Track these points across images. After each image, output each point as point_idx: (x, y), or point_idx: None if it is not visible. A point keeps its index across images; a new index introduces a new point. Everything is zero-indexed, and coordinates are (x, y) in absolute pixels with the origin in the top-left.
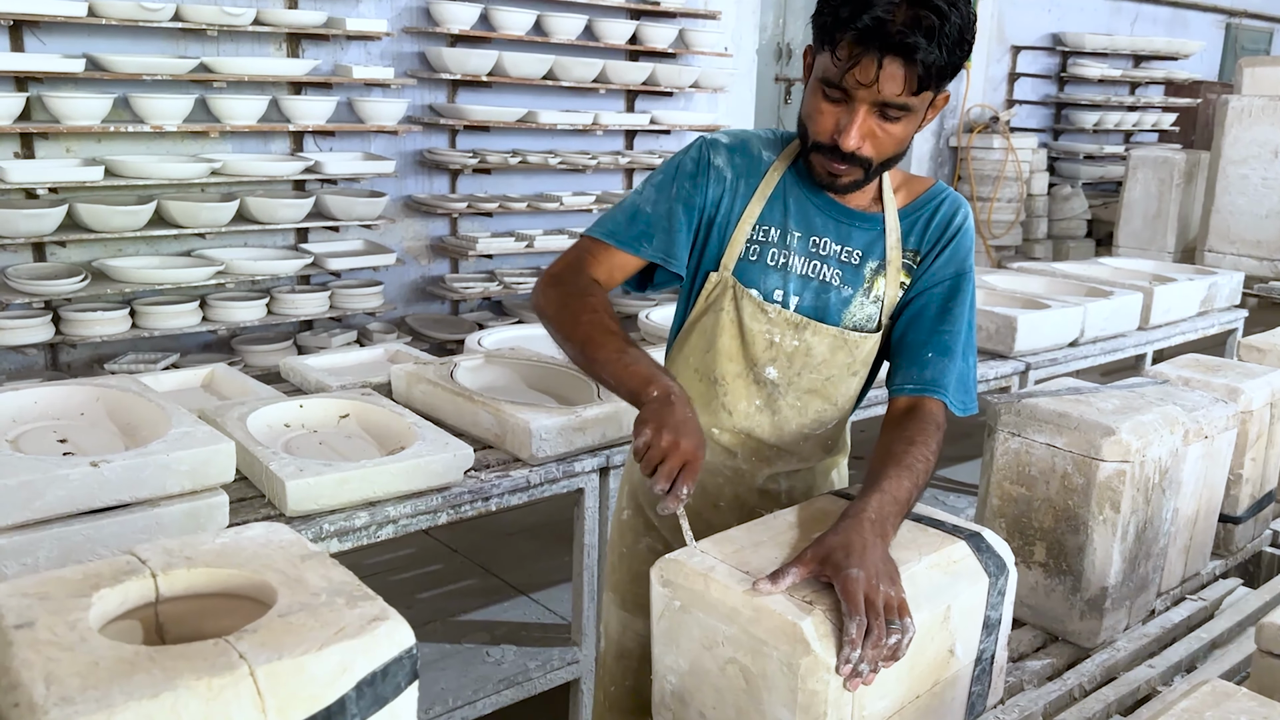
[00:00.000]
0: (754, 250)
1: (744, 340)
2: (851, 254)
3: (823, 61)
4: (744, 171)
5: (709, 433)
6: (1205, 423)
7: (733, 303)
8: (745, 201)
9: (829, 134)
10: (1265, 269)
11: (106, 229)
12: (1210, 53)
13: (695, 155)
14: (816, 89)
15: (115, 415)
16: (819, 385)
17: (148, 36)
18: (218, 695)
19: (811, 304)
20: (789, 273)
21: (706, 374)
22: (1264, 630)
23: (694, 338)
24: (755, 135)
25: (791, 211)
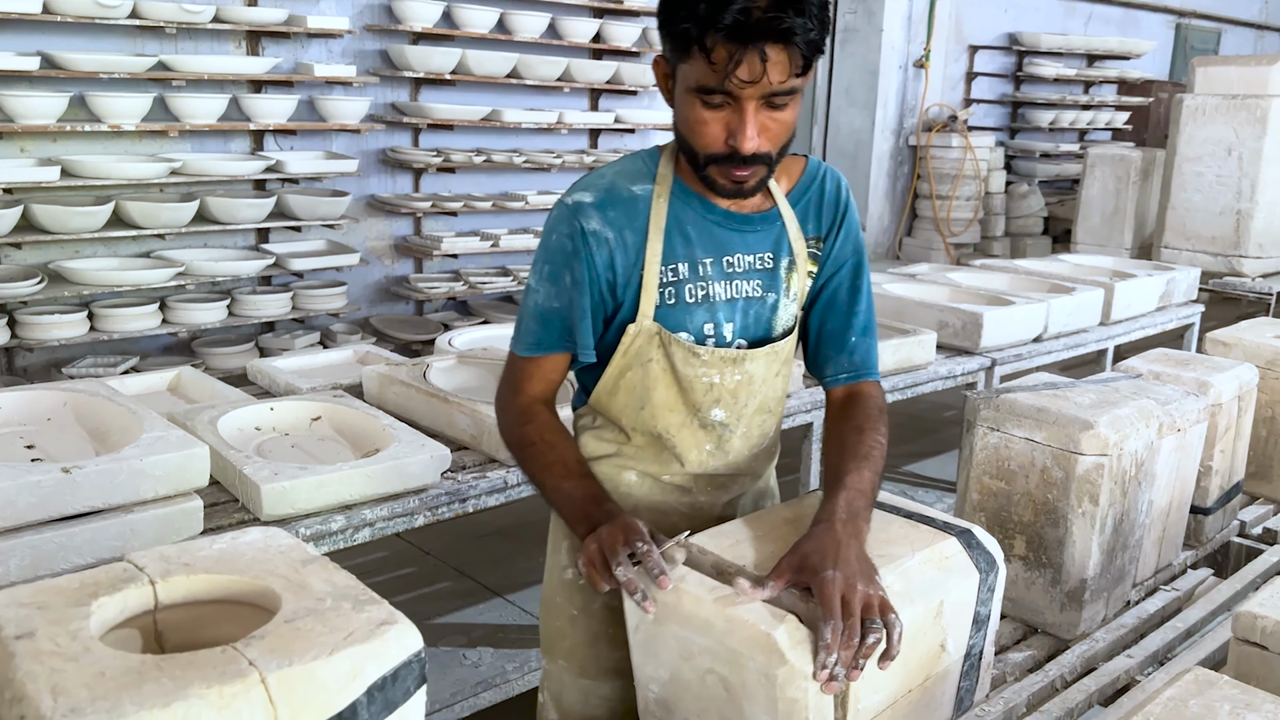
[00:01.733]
0: (669, 293)
1: (681, 389)
2: (764, 259)
3: (693, 70)
4: (624, 221)
5: (659, 482)
6: (1178, 416)
7: (661, 351)
8: (640, 250)
9: (722, 142)
10: (1220, 264)
11: (63, 230)
12: (1161, 52)
13: (567, 230)
14: (691, 100)
15: (84, 420)
16: (769, 405)
17: (104, 34)
18: (229, 704)
19: (745, 325)
20: (713, 303)
21: (646, 430)
22: (1240, 619)
23: (621, 396)
24: (617, 173)
25: (693, 238)
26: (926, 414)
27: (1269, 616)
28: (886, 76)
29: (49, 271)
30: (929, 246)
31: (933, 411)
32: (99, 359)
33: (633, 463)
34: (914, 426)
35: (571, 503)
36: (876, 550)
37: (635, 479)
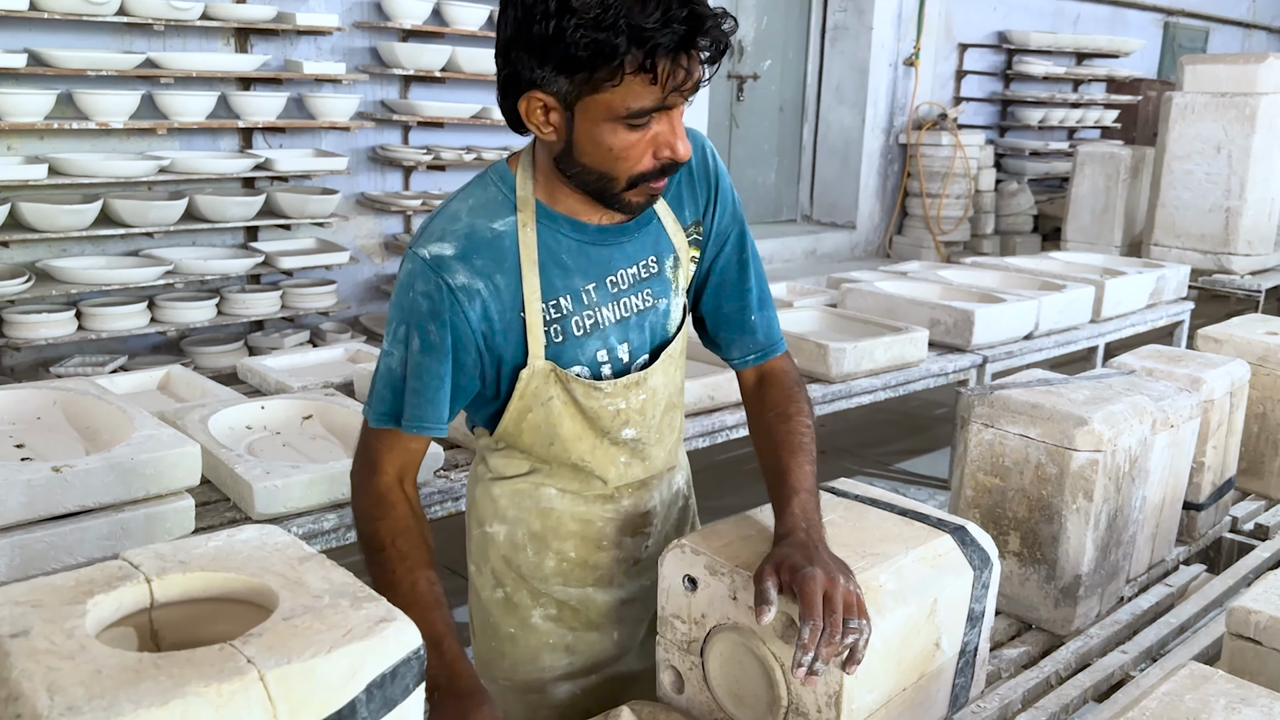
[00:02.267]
0: (555, 330)
1: (587, 419)
2: (648, 265)
3: (621, 98)
4: (492, 266)
5: (580, 495)
6: (1171, 412)
7: (560, 388)
8: (515, 291)
9: (650, 159)
10: (1209, 262)
11: (51, 229)
12: (1149, 50)
13: (425, 288)
14: (613, 129)
15: (74, 419)
16: (670, 404)
17: (92, 31)
18: (228, 701)
19: (640, 342)
20: (603, 330)
21: (560, 461)
22: (1235, 615)
23: (527, 436)
24: (471, 210)
25: (570, 266)
26: (918, 411)
27: (1263, 612)
28: (876, 75)
29: (36, 270)
30: (919, 244)
31: (924, 409)
32: (87, 358)
33: (550, 481)
34: (906, 424)
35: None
36: (870, 548)
37: (555, 493)
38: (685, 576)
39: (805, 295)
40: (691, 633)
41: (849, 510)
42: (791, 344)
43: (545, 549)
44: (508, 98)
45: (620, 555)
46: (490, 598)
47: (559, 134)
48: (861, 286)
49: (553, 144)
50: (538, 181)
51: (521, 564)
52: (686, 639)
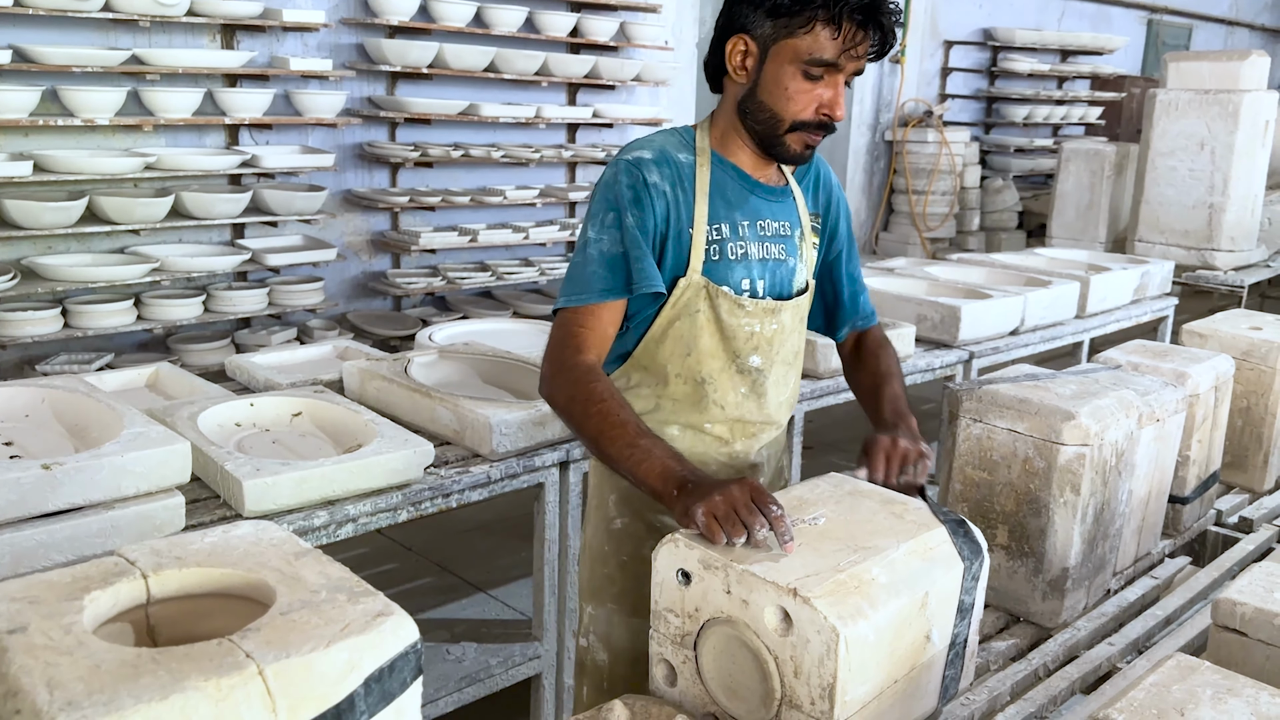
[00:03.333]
0: (714, 250)
1: (724, 336)
2: (784, 226)
3: (807, 44)
4: (677, 180)
5: (701, 430)
6: (1157, 406)
7: (708, 303)
8: (690, 208)
9: (813, 110)
10: (1193, 258)
11: (36, 226)
12: (1133, 48)
13: (629, 181)
14: (793, 73)
15: (63, 416)
16: (790, 357)
17: (77, 27)
18: (227, 696)
19: (772, 284)
20: (749, 261)
21: (690, 377)
22: (1220, 606)
23: (669, 344)
24: (663, 142)
25: (734, 203)
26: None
27: (1247, 603)
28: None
29: (22, 268)
30: (905, 241)
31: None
32: (73, 356)
33: (673, 415)
34: None
35: (650, 459)
36: (861, 541)
37: (677, 432)
38: (679, 570)
39: None
40: (685, 626)
41: (839, 504)
42: None
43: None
44: (719, 45)
45: None
46: (609, 528)
47: (749, 75)
48: None
49: (740, 86)
50: (714, 137)
51: (640, 500)
52: (680, 632)
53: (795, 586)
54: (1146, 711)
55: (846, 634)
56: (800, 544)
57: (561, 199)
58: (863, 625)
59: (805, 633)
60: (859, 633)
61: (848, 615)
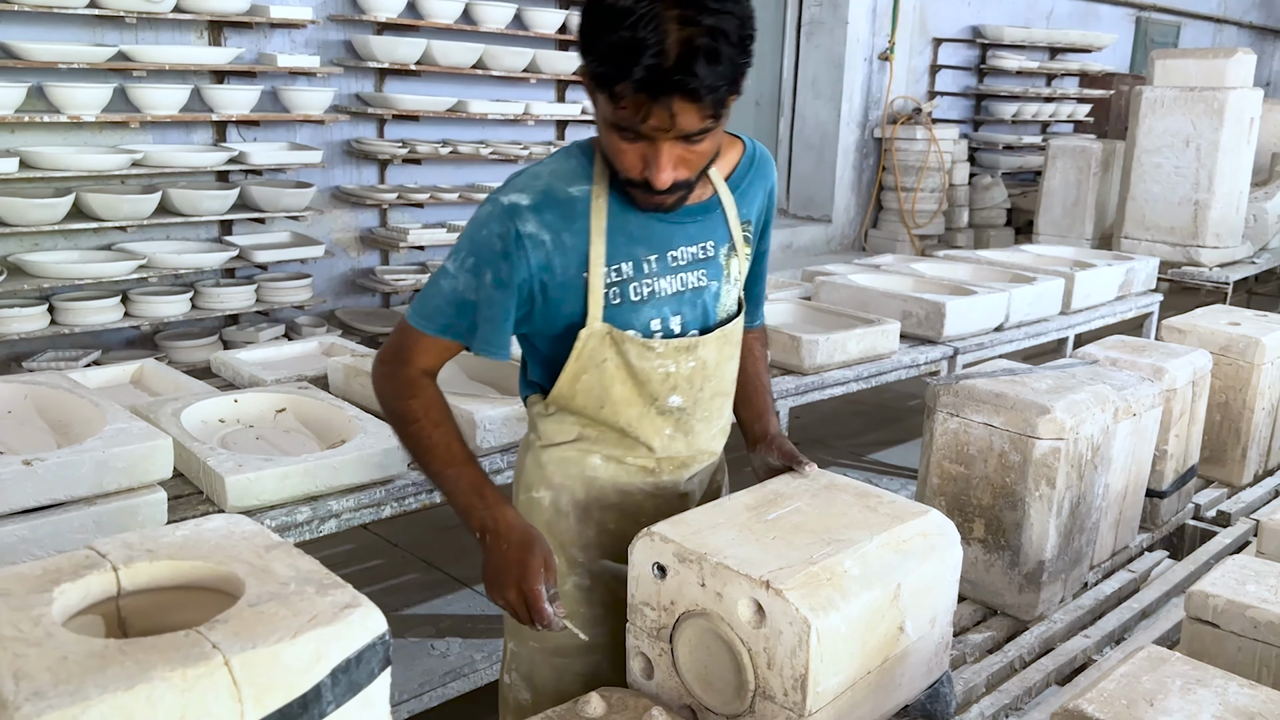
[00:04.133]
0: (615, 293)
1: (637, 382)
2: (705, 248)
3: (608, 107)
4: (561, 224)
5: (624, 463)
6: (1133, 401)
7: (614, 350)
8: (582, 252)
9: (638, 171)
10: (1178, 254)
11: (23, 222)
12: (1121, 45)
13: (500, 230)
14: (609, 130)
15: (46, 413)
16: (724, 386)
17: (63, 23)
18: (193, 686)
19: (690, 317)
20: (659, 299)
21: (609, 424)
22: (1193, 598)
23: (579, 399)
24: (554, 172)
25: (636, 237)
26: (890, 403)
27: (1220, 595)
28: (852, 69)
29: (8, 264)
30: (894, 238)
31: (897, 400)
32: (60, 352)
33: (597, 447)
34: (878, 415)
35: (456, 491)
36: (835, 534)
37: (600, 462)
38: (654, 564)
39: (780, 288)
40: (661, 619)
41: (815, 497)
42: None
43: (588, 517)
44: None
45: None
46: None
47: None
48: (835, 279)
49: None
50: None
51: (563, 531)
52: (656, 625)
53: (768, 579)
54: (1116, 702)
55: (818, 625)
56: (774, 537)
57: None
58: (834, 617)
59: (778, 624)
60: (830, 624)
61: (819, 607)
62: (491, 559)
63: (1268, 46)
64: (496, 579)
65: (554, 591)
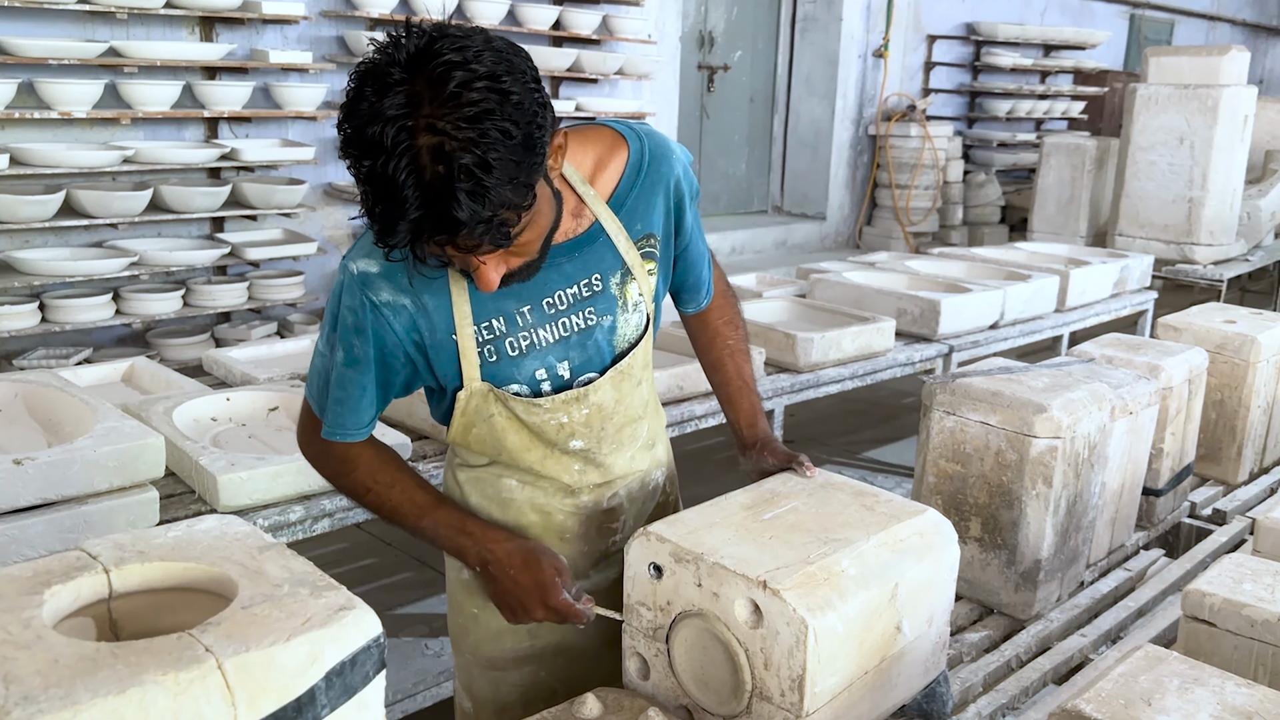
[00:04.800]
0: (489, 351)
1: (532, 433)
2: (589, 283)
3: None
4: (420, 285)
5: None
6: (1130, 399)
7: (500, 405)
8: (445, 313)
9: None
10: (1173, 252)
11: (13, 219)
12: (1115, 42)
13: (351, 303)
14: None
15: (36, 411)
16: (627, 419)
17: (53, 19)
18: (185, 689)
19: (581, 361)
20: (540, 350)
21: (512, 468)
22: (1189, 597)
23: (475, 445)
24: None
25: (503, 291)
26: (885, 400)
27: (1216, 594)
28: (846, 66)
29: None
30: (889, 235)
31: (892, 398)
32: (51, 350)
33: (509, 472)
34: (873, 413)
35: (439, 538)
36: (832, 533)
37: (516, 484)
38: (651, 564)
39: (774, 286)
40: (657, 619)
41: (811, 496)
42: (760, 334)
43: None
44: None
45: (585, 549)
46: (456, 578)
47: None
48: (830, 277)
49: None
50: None
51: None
52: (652, 626)
53: (765, 579)
54: (1114, 701)
55: (815, 625)
56: (771, 537)
57: None
58: (831, 617)
59: (775, 625)
60: (828, 624)
61: (816, 607)
62: (503, 588)
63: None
64: (518, 606)
65: (576, 589)
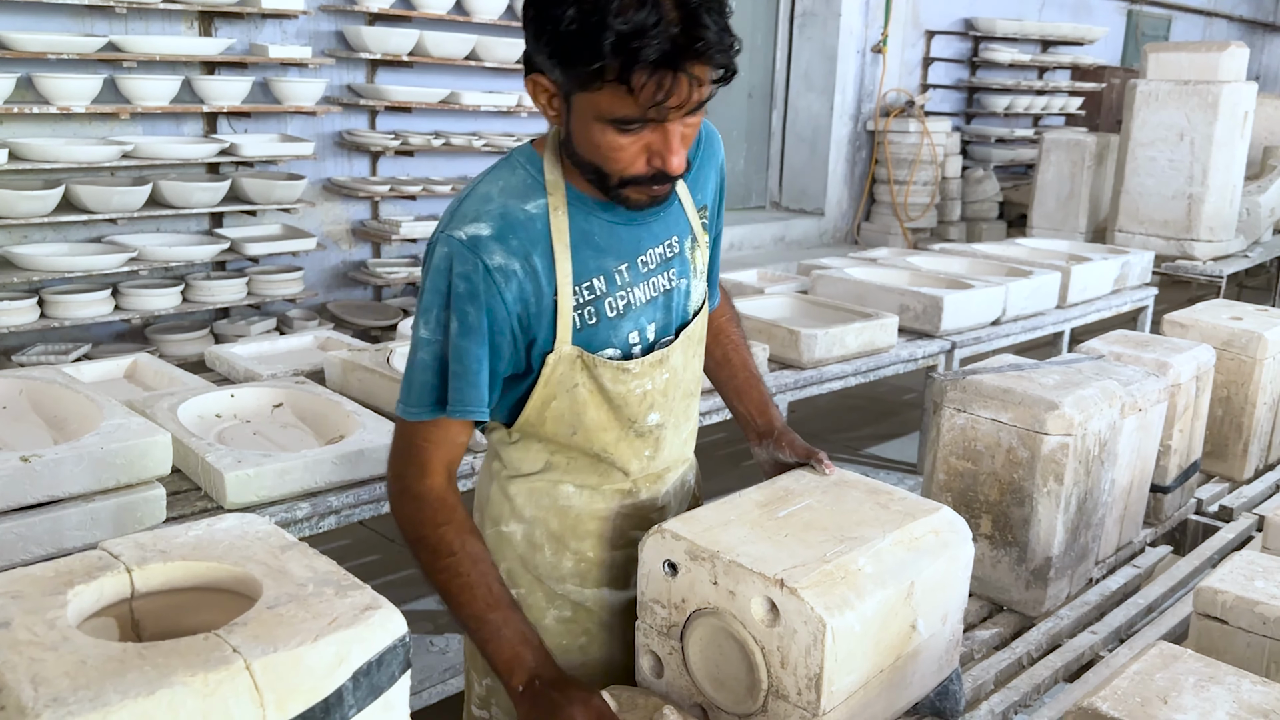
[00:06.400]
0: (589, 313)
1: (613, 406)
2: (671, 245)
3: (606, 101)
4: (526, 248)
5: (599, 489)
6: (1140, 396)
7: (586, 374)
8: (550, 274)
9: (644, 164)
10: (1172, 248)
11: (12, 215)
12: (1113, 38)
13: (463, 270)
14: (602, 129)
15: (41, 408)
16: (691, 387)
17: (52, 13)
18: (214, 691)
19: (665, 321)
20: (635, 311)
21: (583, 451)
22: (1201, 594)
23: (549, 425)
24: (504, 190)
25: (603, 247)
26: (887, 396)
27: (1229, 591)
28: (844, 61)
29: None
30: (887, 231)
31: (893, 394)
32: (50, 346)
33: (566, 477)
34: (875, 409)
35: (498, 639)
36: (848, 531)
37: (573, 490)
38: (665, 561)
39: (776, 282)
40: (671, 617)
41: (826, 494)
42: (763, 330)
43: (564, 549)
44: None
45: (634, 553)
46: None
47: (560, 120)
48: (831, 273)
49: (559, 130)
50: (565, 165)
51: (539, 564)
52: (666, 624)
53: (782, 577)
54: (1131, 700)
55: (833, 625)
56: (786, 535)
57: None
58: (849, 616)
59: (792, 623)
60: (845, 623)
61: (834, 606)
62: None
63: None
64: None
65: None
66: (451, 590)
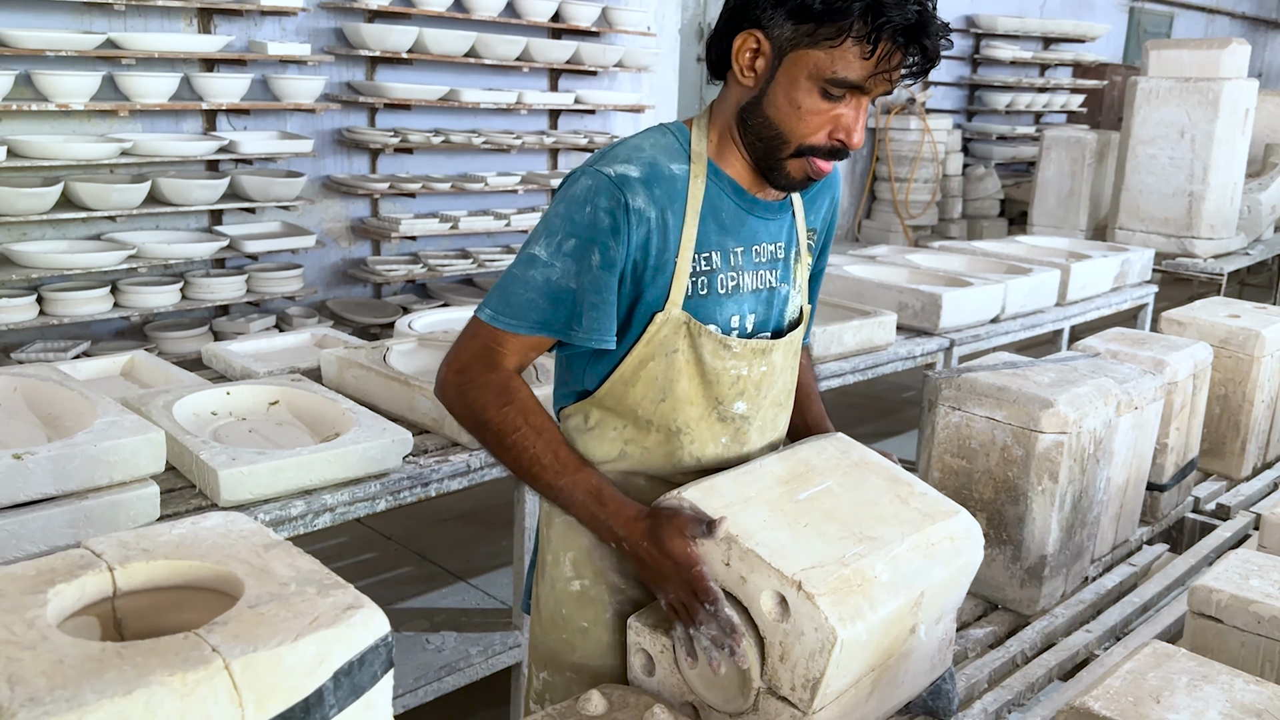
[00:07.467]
0: (702, 283)
1: (705, 381)
2: (779, 248)
3: (831, 61)
4: (666, 201)
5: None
6: (1135, 394)
7: (688, 342)
8: (678, 234)
9: (826, 134)
10: (1173, 246)
11: (10, 212)
12: (1115, 35)
13: (608, 205)
14: (809, 89)
15: (35, 405)
16: (781, 398)
17: (51, 10)
18: (192, 690)
19: (764, 317)
20: (741, 295)
21: (663, 425)
22: (1196, 593)
23: (640, 387)
24: (653, 145)
25: (727, 226)
26: (885, 394)
27: (1224, 590)
28: None
29: None
30: (887, 228)
31: (892, 392)
32: (49, 343)
33: (640, 465)
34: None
35: (573, 504)
36: (867, 530)
37: (645, 484)
38: None
39: None
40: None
41: (846, 475)
42: None
43: None
44: (726, 33)
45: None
46: (566, 590)
47: (757, 80)
48: (830, 270)
49: (745, 90)
50: (711, 141)
51: (604, 557)
52: (657, 622)
53: (800, 579)
54: (1123, 699)
55: (844, 636)
56: (806, 525)
57: (543, 185)
58: (859, 626)
59: (801, 625)
60: (855, 634)
61: (848, 617)
62: (643, 566)
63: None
64: (658, 584)
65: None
66: (523, 464)
